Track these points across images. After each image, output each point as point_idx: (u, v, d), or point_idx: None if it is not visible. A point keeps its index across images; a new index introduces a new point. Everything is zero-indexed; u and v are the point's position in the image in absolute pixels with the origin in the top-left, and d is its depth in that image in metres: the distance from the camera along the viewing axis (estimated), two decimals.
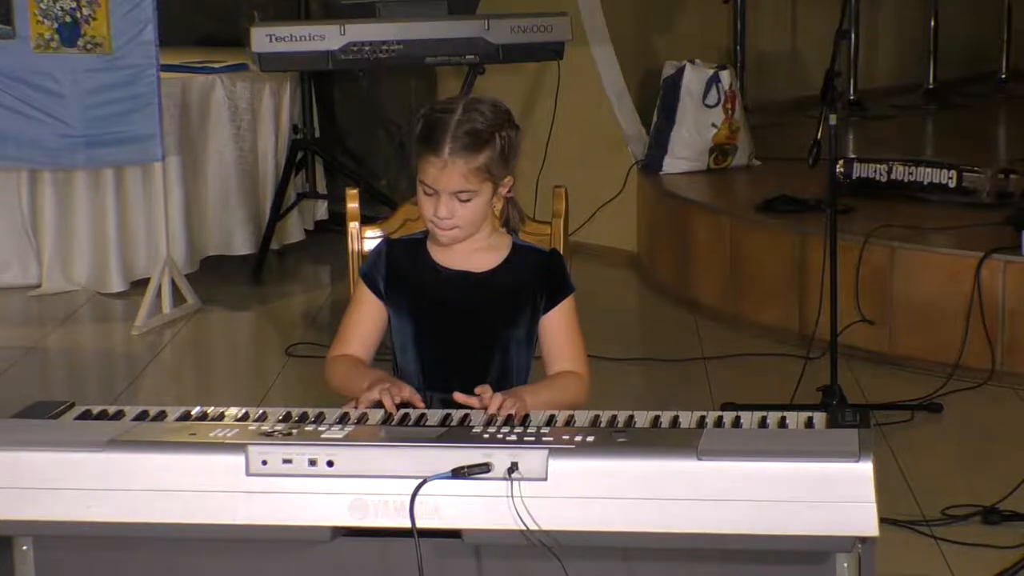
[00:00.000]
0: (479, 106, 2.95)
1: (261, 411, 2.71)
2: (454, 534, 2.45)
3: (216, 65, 6.72)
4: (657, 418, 2.65)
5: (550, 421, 2.70)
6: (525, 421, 2.71)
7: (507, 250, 3.05)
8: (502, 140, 2.93)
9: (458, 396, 2.81)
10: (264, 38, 5.67)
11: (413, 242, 3.08)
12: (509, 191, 3.03)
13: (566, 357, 3.03)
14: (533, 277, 3.02)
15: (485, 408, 2.75)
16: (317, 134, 7.02)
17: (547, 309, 3.02)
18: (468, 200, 2.93)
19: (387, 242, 3.10)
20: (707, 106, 6.45)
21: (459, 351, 3.02)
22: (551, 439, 2.46)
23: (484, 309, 3.01)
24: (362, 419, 2.71)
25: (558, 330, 3.03)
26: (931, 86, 8.25)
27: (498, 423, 2.68)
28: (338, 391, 3.02)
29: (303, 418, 2.67)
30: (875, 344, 5.31)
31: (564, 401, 2.89)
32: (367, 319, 3.07)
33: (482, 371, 2.99)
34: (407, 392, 2.84)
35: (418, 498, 2.40)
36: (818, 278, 4.81)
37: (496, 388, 2.83)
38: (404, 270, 3.04)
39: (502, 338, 3.02)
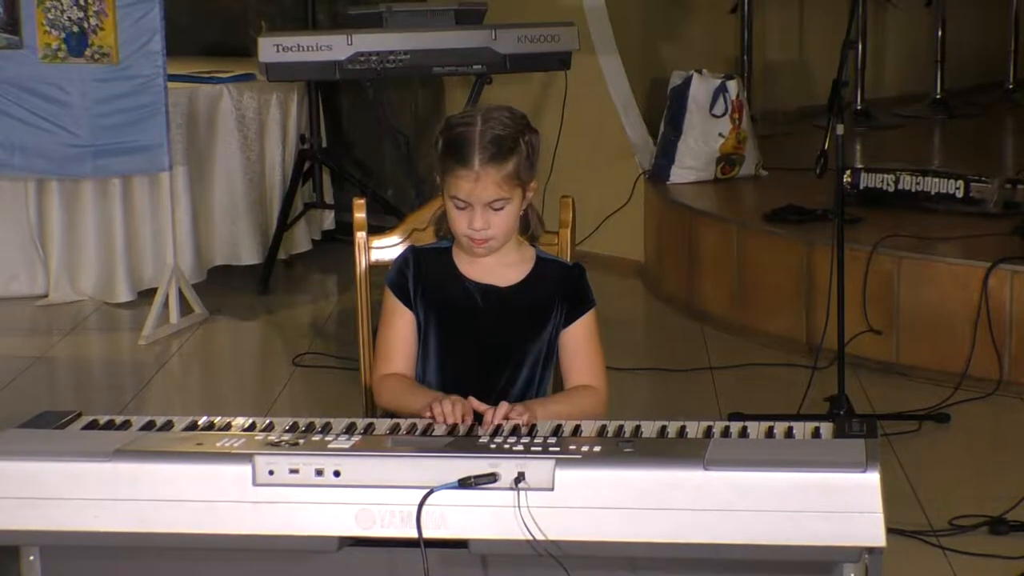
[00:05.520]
0: (497, 114, 2.96)
1: (268, 421, 2.71)
2: (461, 544, 2.44)
3: (223, 75, 6.73)
4: (664, 428, 2.65)
5: (556, 431, 2.70)
6: (532, 431, 2.71)
7: (531, 263, 3.05)
8: (526, 145, 2.96)
9: (473, 401, 2.79)
10: (271, 48, 5.67)
11: (439, 251, 3.06)
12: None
13: (584, 371, 3.02)
14: (556, 291, 3.02)
15: (491, 421, 2.74)
16: (324, 144, 7.02)
17: (568, 323, 3.01)
18: (501, 208, 2.93)
19: (413, 250, 3.08)
20: (714, 116, 6.45)
21: (482, 364, 3.01)
22: (558, 449, 2.46)
23: (509, 323, 3.00)
24: (368, 429, 2.71)
25: (577, 344, 3.02)
26: (938, 96, 8.25)
27: (504, 433, 2.68)
28: (394, 411, 2.98)
29: (310, 428, 2.67)
30: (882, 354, 5.31)
31: (579, 416, 2.86)
32: (404, 331, 3.03)
33: (504, 384, 2.99)
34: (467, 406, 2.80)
35: (425, 508, 2.39)
36: (825, 288, 4.81)
37: (518, 402, 2.82)
38: (431, 279, 3.03)
39: (525, 352, 3.01)
